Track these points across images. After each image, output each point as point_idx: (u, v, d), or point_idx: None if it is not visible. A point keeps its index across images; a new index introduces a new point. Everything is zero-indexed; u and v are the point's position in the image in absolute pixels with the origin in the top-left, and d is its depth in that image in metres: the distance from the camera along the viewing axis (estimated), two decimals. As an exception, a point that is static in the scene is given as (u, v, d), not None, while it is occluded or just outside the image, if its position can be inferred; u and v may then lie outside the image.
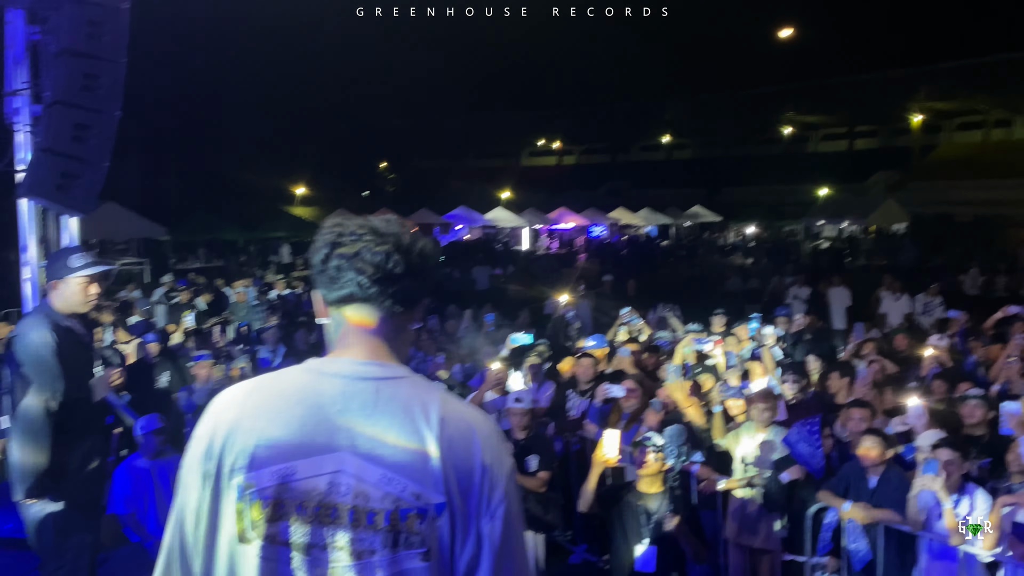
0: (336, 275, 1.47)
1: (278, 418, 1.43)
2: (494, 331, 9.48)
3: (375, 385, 1.45)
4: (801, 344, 8.92)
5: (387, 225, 1.51)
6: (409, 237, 1.51)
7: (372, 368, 1.47)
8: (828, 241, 33.69)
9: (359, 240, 1.47)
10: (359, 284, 1.46)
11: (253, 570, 1.40)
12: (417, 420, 1.42)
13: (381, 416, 1.42)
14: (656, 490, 4.41)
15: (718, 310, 10.03)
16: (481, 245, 30.73)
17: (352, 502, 1.39)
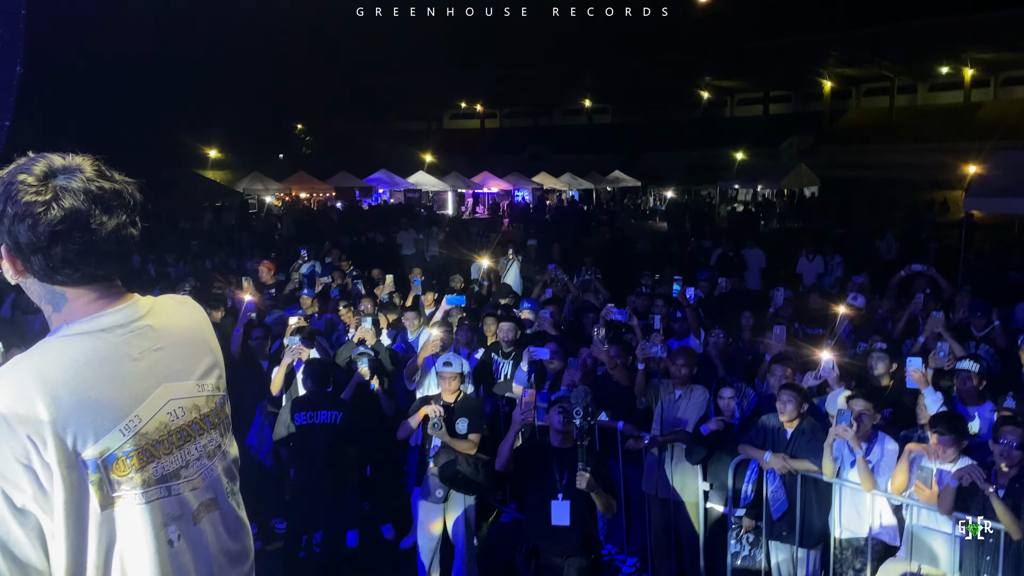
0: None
1: (97, 385, 1.47)
2: (421, 295, 9.40)
3: (148, 321, 1.62)
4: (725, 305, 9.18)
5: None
6: None
7: (129, 310, 1.61)
8: (743, 204, 34.61)
9: None
10: None
11: (135, 518, 1.50)
12: (188, 328, 1.72)
13: (168, 340, 1.64)
14: (567, 447, 4.52)
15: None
16: (405, 209, 30.34)
17: (191, 416, 1.63)
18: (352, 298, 9.14)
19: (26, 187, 1.43)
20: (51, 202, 1.43)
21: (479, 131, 61.54)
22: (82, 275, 1.51)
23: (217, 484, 1.68)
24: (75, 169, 1.48)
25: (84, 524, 1.45)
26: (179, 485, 1.58)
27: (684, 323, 7.45)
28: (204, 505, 1.63)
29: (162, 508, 1.54)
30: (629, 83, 52.62)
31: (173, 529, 1.55)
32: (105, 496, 1.46)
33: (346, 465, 5.90)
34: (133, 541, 1.50)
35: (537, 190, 37.75)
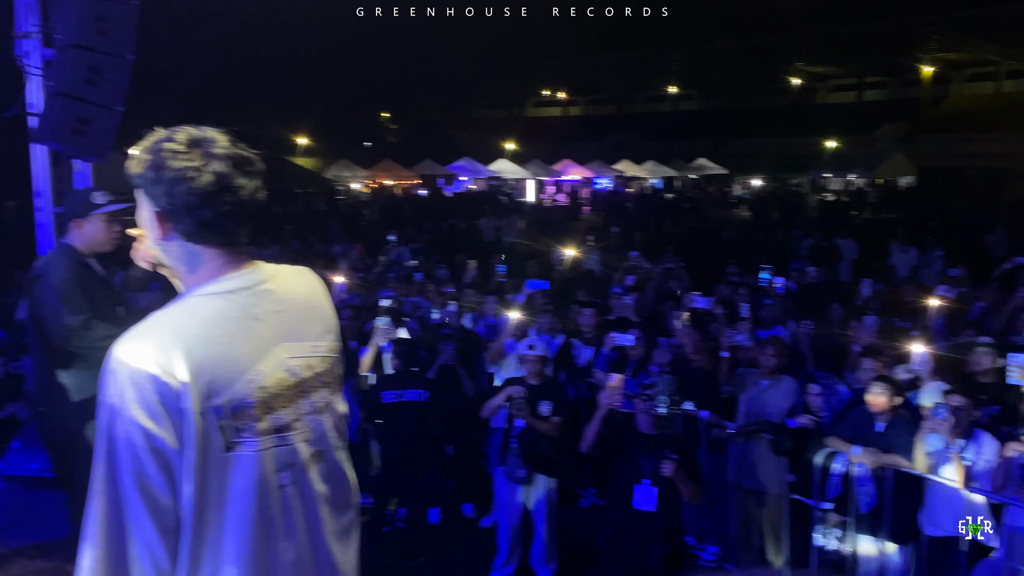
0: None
1: (226, 340, 1.63)
2: (504, 281, 9.51)
3: (270, 285, 1.76)
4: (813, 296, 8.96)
5: None
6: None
7: (255, 274, 1.75)
8: (834, 194, 33.51)
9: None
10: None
11: (251, 463, 1.64)
12: (306, 294, 1.86)
13: (289, 303, 1.78)
14: (654, 433, 4.52)
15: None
16: (486, 197, 30.57)
17: (306, 374, 1.77)
18: (436, 282, 9.32)
19: (178, 154, 1.60)
20: (202, 167, 1.59)
21: (561, 118, 61.23)
22: (224, 237, 1.68)
23: (325, 438, 1.82)
24: (212, 139, 1.64)
25: (209, 465, 1.59)
26: (292, 436, 1.72)
27: (772, 312, 7.31)
28: (313, 456, 1.77)
29: (276, 456, 1.68)
30: (716, 69, 51.40)
31: (285, 475, 1.70)
32: (229, 441, 1.61)
33: (430, 443, 6.05)
34: (249, 483, 1.64)
35: (619, 178, 37.41)
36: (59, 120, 4.49)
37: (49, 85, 4.81)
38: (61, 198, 5.21)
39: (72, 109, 4.50)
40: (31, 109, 5.08)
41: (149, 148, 1.63)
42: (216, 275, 1.69)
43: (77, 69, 4.46)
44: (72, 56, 4.45)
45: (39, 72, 5.00)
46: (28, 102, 5.13)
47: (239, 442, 1.62)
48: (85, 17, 4.45)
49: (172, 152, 1.60)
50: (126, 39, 4.62)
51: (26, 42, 5.04)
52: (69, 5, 4.49)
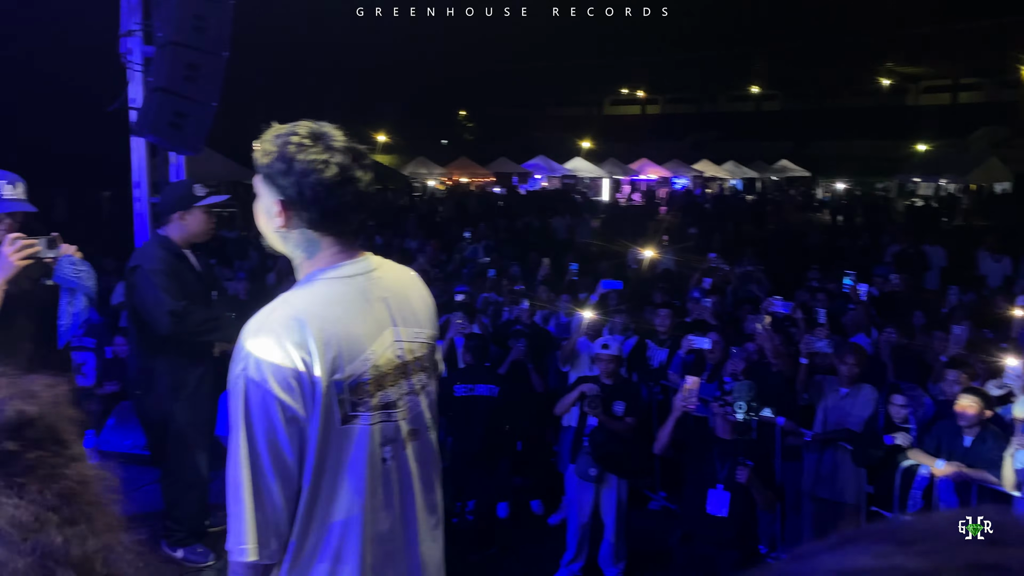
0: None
1: (347, 320, 1.78)
2: (577, 280, 9.49)
3: (380, 272, 1.91)
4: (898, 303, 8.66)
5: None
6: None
7: (366, 262, 1.89)
8: (923, 200, 32.25)
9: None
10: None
11: (364, 436, 1.78)
12: (407, 285, 2.00)
13: (393, 291, 1.91)
14: (731, 438, 4.46)
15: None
16: (560, 195, 30.55)
17: (408, 357, 1.90)
18: (509, 279, 9.38)
19: (305, 147, 1.71)
20: (328, 159, 1.71)
21: (640, 117, 60.64)
22: (342, 226, 1.82)
23: (421, 417, 1.95)
24: (330, 134, 1.75)
25: (329, 434, 1.74)
26: (396, 413, 1.86)
27: (854, 319, 7.11)
28: (411, 433, 1.91)
29: (383, 430, 1.83)
30: (802, 68, 50.06)
31: (388, 449, 1.85)
32: (347, 414, 1.76)
33: (500, 438, 6.11)
34: (360, 455, 1.78)
35: (698, 178, 36.84)
36: (158, 114, 4.70)
37: (149, 81, 5.04)
38: (156, 189, 5.46)
39: (170, 104, 4.71)
40: (132, 104, 5.34)
41: (274, 141, 1.73)
42: (333, 262, 1.82)
43: (176, 66, 4.66)
44: (171, 53, 4.66)
45: (140, 68, 5.25)
46: (130, 97, 5.39)
47: (356, 415, 1.77)
48: (184, 16, 4.65)
49: (299, 145, 1.70)
50: (222, 37, 4.81)
51: (129, 40, 5.29)
52: (169, 4, 4.70)
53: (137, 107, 5.20)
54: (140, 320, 3.82)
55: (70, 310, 3.54)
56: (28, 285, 3.47)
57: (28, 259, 3.23)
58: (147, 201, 5.49)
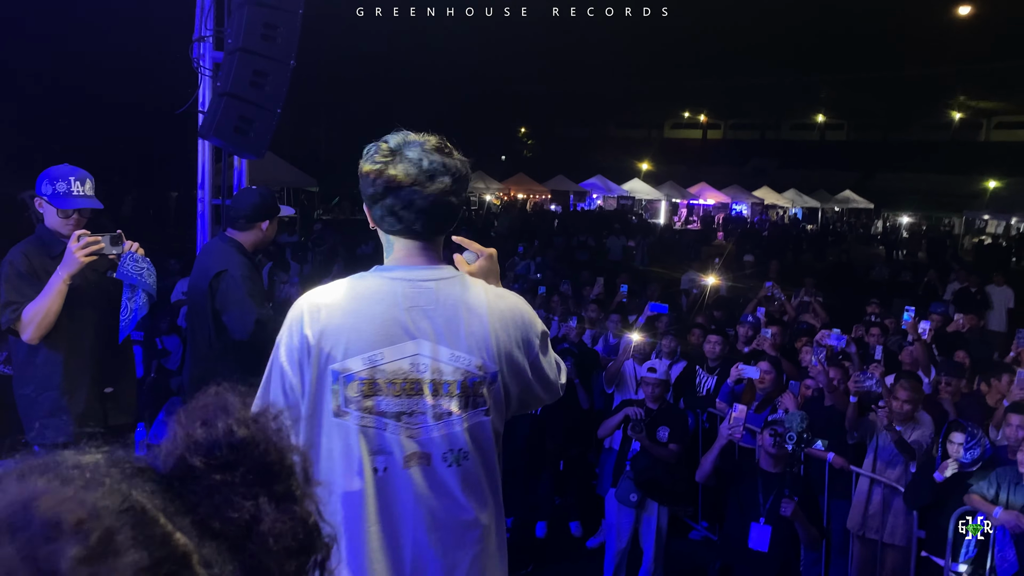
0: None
1: (362, 315, 1.79)
2: (627, 301, 9.42)
3: (437, 284, 1.85)
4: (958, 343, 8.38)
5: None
6: (428, 162, 1.82)
7: (424, 270, 1.86)
8: (991, 237, 31.24)
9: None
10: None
11: (352, 435, 1.78)
12: (472, 308, 1.84)
13: (443, 308, 1.82)
14: (776, 471, 4.35)
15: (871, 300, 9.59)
16: (616, 215, 30.44)
17: (431, 377, 1.80)
18: (559, 297, 9.35)
19: (371, 154, 1.85)
20: (386, 166, 1.81)
21: (700, 141, 60.16)
22: (402, 227, 1.85)
23: (433, 444, 1.82)
24: (420, 143, 1.84)
25: (318, 422, 1.80)
26: (397, 426, 1.79)
27: (912, 356, 6.89)
28: (415, 456, 1.81)
29: (372, 436, 1.79)
30: (870, 99, 49.08)
31: (380, 460, 1.80)
32: (338, 407, 1.79)
33: (542, 456, 6.06)
34: (348, 455, 1.79)
35: (757, 204, 36.35)
36: (223, 118, 4.82)
37: (217, 85, 5.17)
38: (218, 192, 5.59)
39: (236, 108, 4.82)
40: (201, 108, 5.49)
41: (367, 148, 1.88)
42: (395, 263, 1.89)
43: (243, 72, 4.78)
44: (239, 59, 4.78)
45: (210, 73, 5.40)
46: (199, 101, 5.54)
47: (347, 412, 1.79)
48: (254, 23, 4.76)
49: (374, 151, 1.84)
50: (289, 45, 4.92)
51: (201, 45, 5.45)
52: (240, 12, 4.82)
53: (204, 111, 5.34)
54: (214, 323, 3.79)
55: (130, 306, 3.63)
56: (95, 278, 3.58)
57: (92, 255, 3.33)
58: (209, 203, 5.62)
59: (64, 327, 3.45)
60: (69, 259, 3.30)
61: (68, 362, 3.53)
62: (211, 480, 0.68)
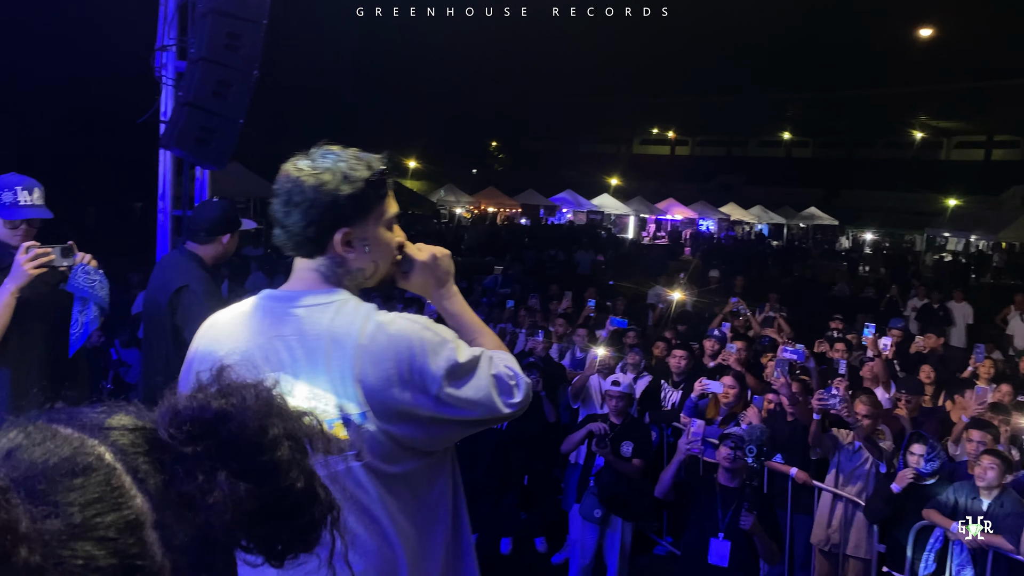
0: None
1: (231, 339, 1.66)
2: (594, 316, 9.44)
3: (307, 311, 1.63)
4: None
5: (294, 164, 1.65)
6: (299, 170, 1.62)
7: (305, 296, 1.65)
8: (951, 254, 31.90)
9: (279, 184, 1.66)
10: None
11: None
12: (343, 339, 1.58)
13: (308, 338, 1.60)
14: (734, 485, 4.36)
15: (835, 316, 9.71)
16: (586, 230, 30.60)
17: None
18: (527, 310, 9.34)
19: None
20: (277, 186, 1.66)
21: (668, 157, 60.82)
22: (288, 249, 1.69)
23: None
24: (320, 153, 1.68)
25: None
26: None
27: (873, 372, 6.97)
28: None
29: None
30: (835, 118, 50.01)
31: None
32: None
33: (507, 472, 6.02)
34: None
35: (724, 220, 36.78)
36: (185, 128, 4.76)
37: (179, 95, 5.11)
38: (179, 202, 5.51)
39: (198, 118, 4.76)
40: (163, 117, 5.42)
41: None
42: (288, 286, 1.71)
43: (206, 81, 4.72)
44: (202, 69, 4.72)
45: (172, 83, 5.33)
46: (161, 110, 5.47)
47: None
48: (217, 33, 4.72)
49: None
50: (253, 56, 4.87)
51: (164, 54, 5.39)
52: (204, 21, 4.77)
53: (166, 120, 5.27)
54: (173, 339, 3.70)
55: (81, 319, 3.53)
56: (45, 291, 3.47)
57: (42, 267, 3.23)
58: (170, 213, 5.54)
59: (13, 342, 3.34)
60: (17, 271, 3.19)
61: (16, 378, 3.42)
62: (179, 450, 0.70)
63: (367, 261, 1.70)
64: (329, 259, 1.67)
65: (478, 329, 1.88)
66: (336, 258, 1.67)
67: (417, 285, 1.85)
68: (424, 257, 1.85)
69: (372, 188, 1.65)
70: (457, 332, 1.76)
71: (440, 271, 1.87)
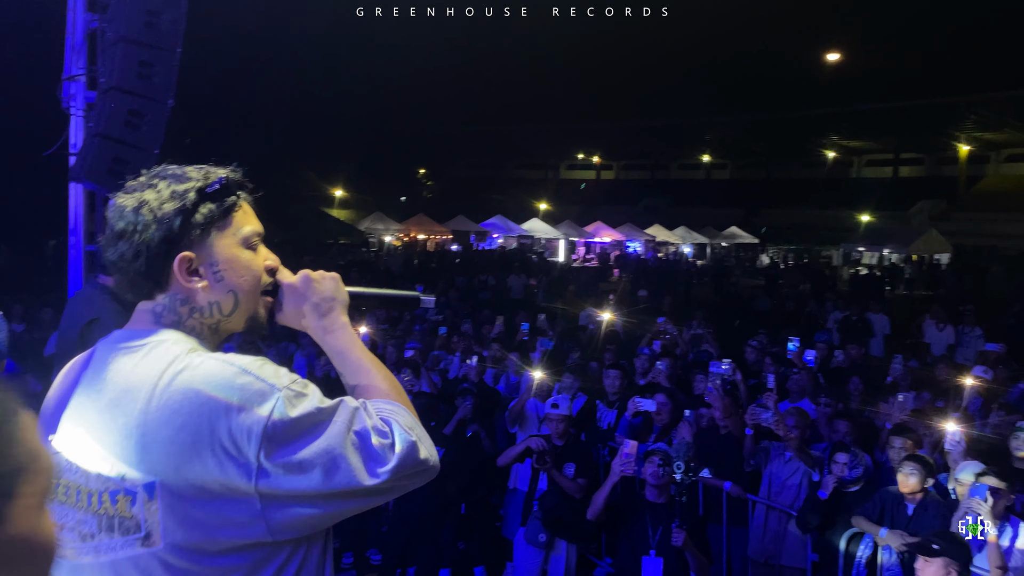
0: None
1: (58, 388, 1.39)
2: (527, 340, 9.45)
3: (112, 355, 1.33)
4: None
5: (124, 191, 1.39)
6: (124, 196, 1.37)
7: (119, 335, 1.37)
8: (867, 268, 33.21)
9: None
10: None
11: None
12: (135, 391, 1.24)
13: (108, 388, 1.28)
14: (662, 502, 4.38)
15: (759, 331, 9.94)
16: (517, 255, 30.76)
17: (76, 481, 1.28)
18: (460, 337, 9.29)
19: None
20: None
21: (595, 182, 61.92)
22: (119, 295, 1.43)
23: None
24: (143, 177, 1.43)
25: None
26: (62, 541, 1.28)
27: (799, 384, 7.15)
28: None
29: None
30: (751, 140, 51.83)
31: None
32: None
33: (444, 502, 5.92)
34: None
35: (650, 242, 37.51)
36: (96, 160, 4.59)
37: (90, 126, 4.93)
38: (93, 238, 5.30)
39: (110, 150, 4.60)
40: (72, 149, 5.21)
41: None
42: (123, 328, 1.42)
43: (118, 112, 4.57)
44: (113, 99, 4.57)
45: (81, 113, 5.14)
46: (71, 143, 5.26)
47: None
48: (128, 62, 4.57)
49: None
50: (167, 84, 4.74)
51: (72, 84, 5.19)
52: (114, 50, 4.62)
53: (76, 152, 5.07)
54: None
55: (-23, 362, 3.33)
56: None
57: None
58: (83, 249, 5.31)
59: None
60: None
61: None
62: None
63: (223, 292, 1.38)
64: (171, 296, 1.37)
65: (369, 369, 1.46)
66: (179, 294, 1.37)
67: (289, 316, 1.48)
68: (294, 279, 1.48)
69: (210, 199, 1.36)
70: (341, 373, 1.47)
71: (316, 297, 1.48)
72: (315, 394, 1.28)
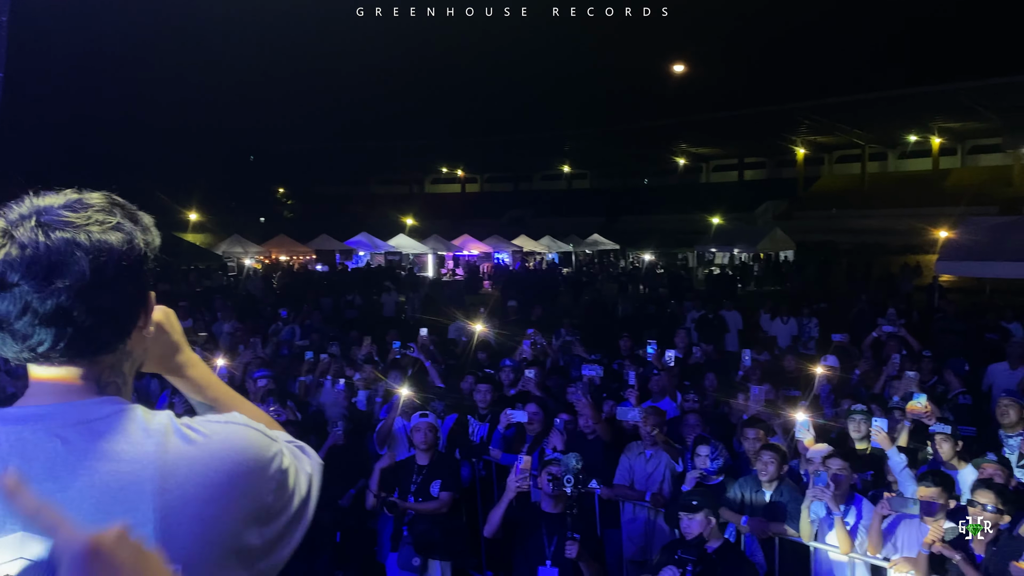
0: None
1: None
2: (399, 358, 9.33)
3: (63, 435, 1.05)
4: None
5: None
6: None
7: (60, 410, 1.08)
8: (719, 268, 35.03)
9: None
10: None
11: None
12: (123, 479, 1.02)
13: (72, 479, 1.02)
14: (556, 512, 4.45)
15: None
16: (386, 272, 30.39)
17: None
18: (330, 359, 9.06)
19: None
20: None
21: (460, 195, 62.24)
22: (20, 348, 1.09)
23: None
24: (48, 210, 1.13)
25: None
26: None
27: (659, 383, 7.43)
28: None
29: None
30: (607, 150, 53.68)
31: None
32: None
33: (318, 531, 5.76)
34: None
35: (517, 252, 38.03)
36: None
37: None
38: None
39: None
40: None
41: None
42: (28, 402, 1.12)
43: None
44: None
45: None
46: None
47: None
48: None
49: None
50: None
51: None
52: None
53: None
54: None
55: None
56: None
57: None
58: None
59: None
60: None
61: None
62: None
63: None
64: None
65: (234, 396, 1.39)
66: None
67: (155, 357, 1.29)
68: (159, 316, 1.27)
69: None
70: (214, 403, 1.35)
71: (177, 332, 1.33)
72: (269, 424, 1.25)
